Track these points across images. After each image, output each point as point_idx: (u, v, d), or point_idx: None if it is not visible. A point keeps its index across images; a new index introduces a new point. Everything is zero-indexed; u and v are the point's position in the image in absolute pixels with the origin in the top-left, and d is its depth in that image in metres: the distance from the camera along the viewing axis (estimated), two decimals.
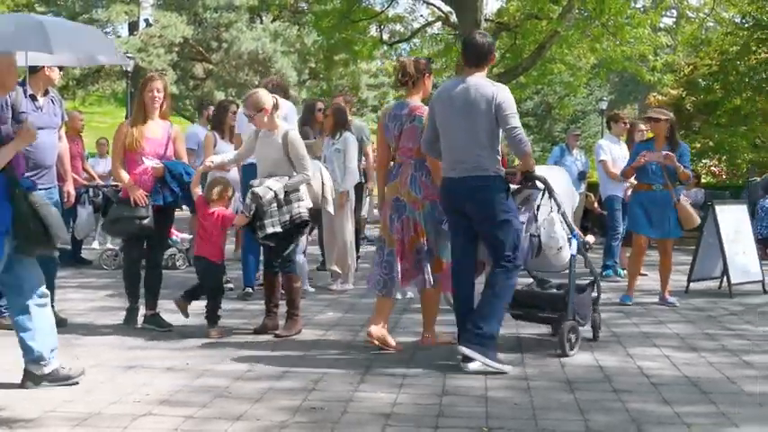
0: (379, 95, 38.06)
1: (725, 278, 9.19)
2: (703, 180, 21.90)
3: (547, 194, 6.10)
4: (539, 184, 6.03)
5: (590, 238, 6.54)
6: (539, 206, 6.18)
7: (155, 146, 6.79)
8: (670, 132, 8.47)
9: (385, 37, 28.94)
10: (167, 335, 6.59)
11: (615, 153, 10.67)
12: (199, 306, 6.73)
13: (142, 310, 6.99)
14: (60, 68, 6.95)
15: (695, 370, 5.59)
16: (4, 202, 4.81)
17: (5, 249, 4.81)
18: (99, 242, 12.97)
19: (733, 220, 9.52)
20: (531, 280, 6.67)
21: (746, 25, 23.71)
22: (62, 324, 6.88)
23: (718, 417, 4.51)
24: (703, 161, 27.05)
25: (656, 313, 7.90)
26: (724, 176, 26.94)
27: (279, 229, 6.41)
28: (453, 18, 24.13)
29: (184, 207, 7.28)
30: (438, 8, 26.30)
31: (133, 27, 38.98)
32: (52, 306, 6.98)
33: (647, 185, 8.48)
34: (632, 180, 9.00)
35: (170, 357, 5.79)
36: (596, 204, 14.39)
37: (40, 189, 5.77)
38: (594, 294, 6.51)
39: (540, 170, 6.03)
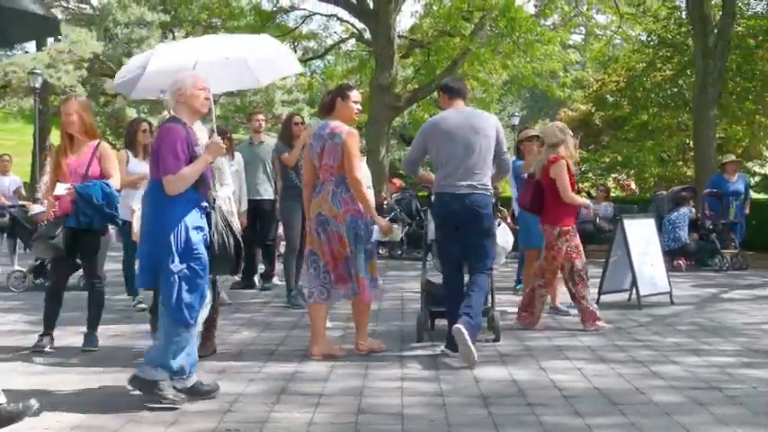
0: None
1: (634, 290, 9.41)
2: (612, 194, 22.43)
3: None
4: None
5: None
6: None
7: (75, 166, 6.68)
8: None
9: (299, 54, 28.97)
10: (76, 359, 6.44)
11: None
12: (106, 329, 6.63)
13: (57, 333, 6.85)
14: None
15: (606, 381, 5.70)
16: (202, 217, 5.10)
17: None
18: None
19: (641, 233, 9.74)
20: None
21: (652, 43, 24.39)
22: None
23: (628, 427, 4.60)
24: (612, 175, 27.65)
25: (567, 326, 8.03)
26: (635, 189, 27.57)
27: None
28: (367, 35, 24.31)
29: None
30: (352, 25, 26.46)
31: (41, 42, 38.12)
32: None
33: None
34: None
35: (81, 382, 5.66)
36: (509, 219, 14.58)
37: None
38: None
39: None
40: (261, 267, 11.01)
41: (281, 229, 10.35)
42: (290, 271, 9.28)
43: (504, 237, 7.25)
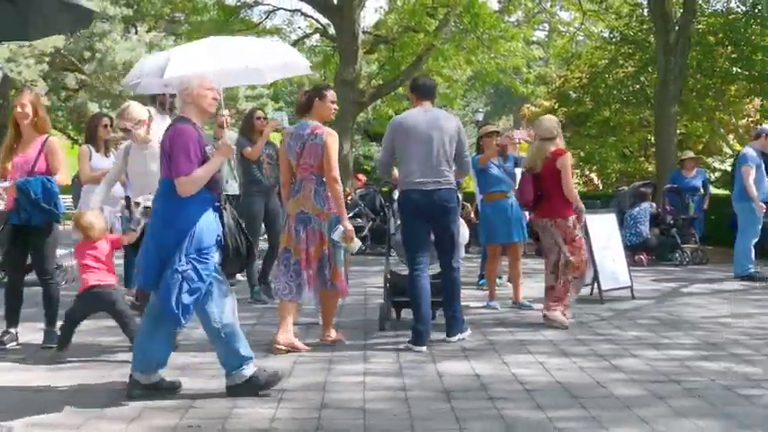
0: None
1: (595, 285, 9.49)
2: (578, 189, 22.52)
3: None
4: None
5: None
6: None
7: (22, 162, 6.61)
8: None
9: None
10: (36, 356, 6.39)
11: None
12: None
13: (19, 329, 6.83)
14: None
15: (567, 375, 5.76)
16: (216, 218, 5.10)
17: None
18: None
19: (603, 228, 9.84)
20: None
21: (614, 40, 24.54)
22: None
23: (588, 420, 4.66)
24: (575, 171, 27.78)
25: (530, 320, 8.10)
26: (599, 184, 27.75)
27: None
28: (331, 30, 24.27)
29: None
30: (316, 20, 26.40)
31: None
32: None
33: (501, 194, 8.85)
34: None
35: (41, 379, 5.63)
36: (472, 214, 14.65)
37: None
38: None
39: None
40: None
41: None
42: (251, 267, 9.24)
43: (462, 233, 7.73)
